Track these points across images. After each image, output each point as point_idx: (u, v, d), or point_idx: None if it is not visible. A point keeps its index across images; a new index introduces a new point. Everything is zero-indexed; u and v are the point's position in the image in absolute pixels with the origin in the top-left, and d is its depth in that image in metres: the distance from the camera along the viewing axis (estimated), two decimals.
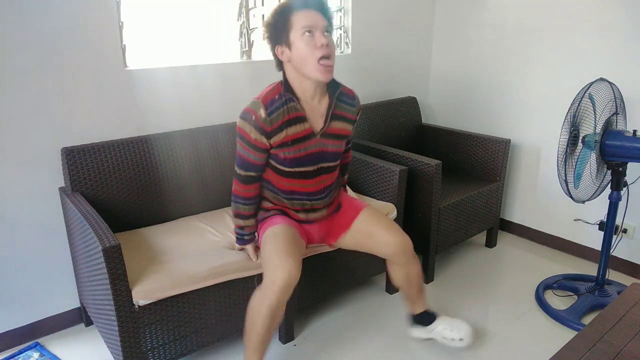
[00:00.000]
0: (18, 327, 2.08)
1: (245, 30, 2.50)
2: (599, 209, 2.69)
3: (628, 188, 2.34)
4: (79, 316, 2.22)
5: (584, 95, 2.05)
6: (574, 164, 2.12)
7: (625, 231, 2.62)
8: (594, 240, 2.77)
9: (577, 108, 2.05)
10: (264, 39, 1.71)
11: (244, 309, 1.90)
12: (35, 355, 2.02)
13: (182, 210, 2.24)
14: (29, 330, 2.10)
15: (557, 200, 2.88)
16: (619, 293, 2.32)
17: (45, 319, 2.14)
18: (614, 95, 2.14)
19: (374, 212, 1.96)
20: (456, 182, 2.80)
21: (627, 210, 2.53)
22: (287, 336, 2.11)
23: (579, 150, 2.13)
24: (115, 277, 1.56)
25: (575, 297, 2.39)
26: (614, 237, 2.49)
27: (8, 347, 2.07)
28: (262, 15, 2.62)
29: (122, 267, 1.57)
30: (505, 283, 2.60)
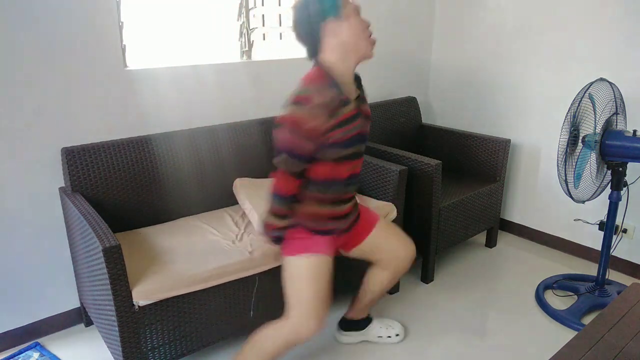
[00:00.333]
0: (18, 327, 2.08)
1: (245, 30, 2.50)
2: (599, 209, 2.69)
3: (628, 188, 2.34)
4: (79, 316, 2.22)
5: (584, 95, 2.05)
6: (574, 164, 2.12)
7: (625, 231, 2.62)
8: (594, 240, 2.78)
9: (577, 108, 2.05)
10: (299, 25, 1.59)
11: (244, 309, 1.91)
12: (35, 355, 2.02)
13: (183, 210, 2.24)
14: (29, 330, 2.10)
15: (557, 200, 2.88)
16: (619, 293, 2.32)
17: (45, 319, 2.14)
18: (614, 95, 2.14)
19: (388, 224, 1.96)
20: (456, 182, 2.80)
21: (627, 210, 2.54)
22: None
23: (579, 150, 2.13)
24: (115, 278, 1.56)
25: (575, 297, 2.39)
26: (614, 237, 2.49)
27: (8, 347, 2.07)
28: (262, 16, 2.62)
29: (122, 267, 1.57)
30: (505, 283, 2.60)
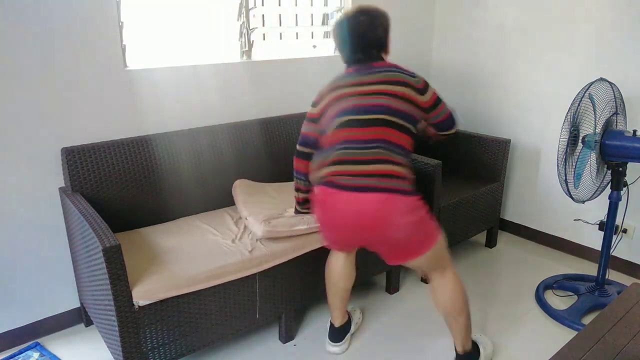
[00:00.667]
0: (18, 327, 2.08)
1: (245, 30, 2.50)
2: (599, 209, 2.69)
3: (628, 188, 2.34)
4: (79, 316, 2.22)
5: (584, 95, 2.05)
6: (574, 164, 2.12)
7: (625, 231, 2.62)
8: (594, 240, 2.77)
9: (577, 108, 2.05)
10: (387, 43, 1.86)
11: (244, 308, 1.91)
12: (35, 355, 2.02)
13: (182, 210, 2.24)
14: (29, 330, 2.10)
15: (557, 200, 2.88)
16: (619, 293, 2.32)
17: (45, 319, 2.14)
18: (614, 95, 2.14)
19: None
20: (456, 182, 2.80)
21: (627, 210, 2.54)
22: (287, 336, 2.11)
23: (579, 150, 2.13)
24: (115, 277, 1.56)
25: (575, 297, 2.39)
26: (614, 237, 2.49)
27: (8, 347, 2.07)
28: (262, 16, 2.62)
29: (122, 267, 1.57)
30: (505, 283, 2.60)
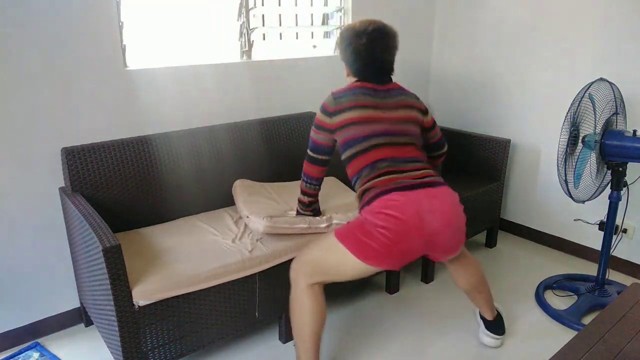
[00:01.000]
0: (18, 327, 2.08)
1: (245, 30, 2.50)
2: (599, 209, 2.69)
3: (628, 188, 2.34)
4: (79, 316, 2.22)
5: (584, 95, 2.05)
6: (574, 164, 2.12)
7: (625, 231, 2.62)
8: (594, 240, 2.77)
9: (577, 108, 2.05)
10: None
11: (244, 308, 1.91)
12: (35, 355, 2.02)
13: (182, 210, 2.24)
14: (29, 330, 2.10)
15: (557, 200, 2.88)
16: (619, 293, 2.32)
17: (45, 319, 2.14)
18: (614, 95, 2.14)
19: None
20: (456, 182, 2.80)
21: (627, 210, 2.54)
22: (286, 335, 2.11)
23: (579, 150, 2.13)
24: (115, 278, 1.56)
25: (575, 297, 2.39)
26: (614, 237, 2.49)
27: (8, 347, 2.07)
28: (262, 16, 2.62)
29: (122, 268, 1.57)
30: (505, 283, 2.60)
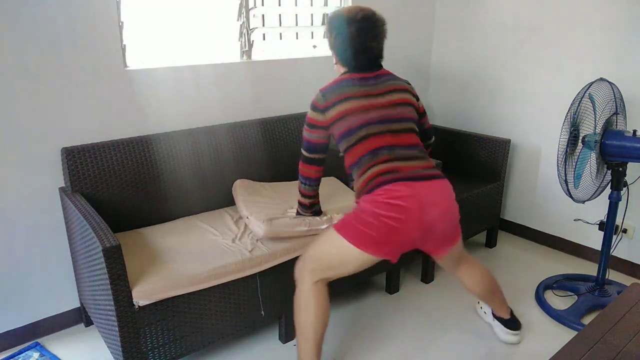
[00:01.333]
0: (18, 327, 2.08)
1: (245, 30, 2.50)
2: (599, 209, 2.69)
3: (628, 188, 2.34)
4: (79, 316, 2.22)
5: (584, 95, 2.05)
6: (574, 164, 2.12)
7: (625, 231, 2.62)
8: (594, 240, 2.77)
9: (577, 108, 2.05)
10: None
11: (244, 308, 1.91)
12: (35, 355, 2.02)
13: (182, 210, 2.24)
14: (29, 330, 2.10)
15: (557, 200, 2.88)
16: (619, 293, 2.32)
17: (45, 319, 2.14)
18: (614, 95, 2.14)
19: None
20: (456, 182, 2.79)
21: (627, 210, 2.54)
22: (287, 335, 2.11)
23: (579, 150, 2.13)
24: (115, 278, 1.56)
25: (575, 297, 2.39)
26: (614, 237, 2.49)
27: (8, 347, 2.07)
28: (262, 16, 2.62)
29: (122, 268, 1.57)
30: (505, 283, 2.59)
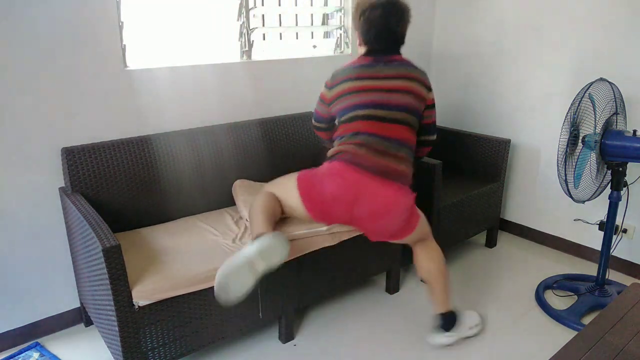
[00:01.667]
0: (18, 327, 2.08)
1: (245, 30, 2.50)
2: (599, 209, 2.69)
3: (628, 188, 2.34)
4: (79, 316, 2.22)
5: (584, 95, 2.05)
6: (574, 164, 2.12)
7: (625, 231, 2.62)
8: (594, 240, 2.77)
9: (577, 108, 2.05)
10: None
11: (244, 309, 1.91)
12: (35, 355, 2.02)
13: (182, 210, 2.24)
14: (29, 330, 2.10)
15: (557, 200, 2.88)
16: (619, 293, 2.32)
17: (46, 319, 2.14)
18: (614, 95, 2.14)
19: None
20: (456, 182, 2.80)
21: (627, 210, 2.54)
22: (286, 336, 2.11)
23: (579, 150, 2.13)
24: (115, 278, 1.56)
25: (575, 297, 2.39)
26: (614, 237, 2.49)
27: (8, 347, 2.07)
28: (262, 16, 2.62)
29: (122, 268, 1.57)
30: (505, 283, 2.60)
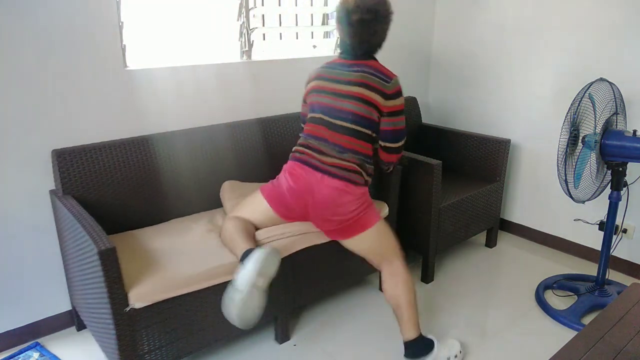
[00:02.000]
0: (18, 327, 2.08)
1: (245, 30, 2.50)
2: (599, 209, 2.69)
3: (628, 188, 2.34)
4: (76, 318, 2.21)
5: (584, 95, 2.04)
6: (574, 164, 2.12)
7: (625, 231, 2.62)
8: (594, 240, 2.77)
9: (577, 108, 2.05)
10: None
11: None
12: (35, 355, 2.02)
13: (177, 210, 2.23)
14: (29, 330, 2.10)
15: (557, 200, 2.87)
16: (619, 293, 2.32)
17: (46, 319, 2.14)
18: (614, 95, 2.14)
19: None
20: (456, 182, 2.80)
21: (627, 210, 2.53)
22: (282, 336, 2.10)
23: (579, 150, 2.12)
24: (111, 281, 1.54)
25: (575, 297, 2.39)
26: (614, 237, 2.49)
27: (8, 347, 2.07)
28: (262, 16, 2.62)
29: (118, 270, 1.55)
30: (505, 283, 2.59)
